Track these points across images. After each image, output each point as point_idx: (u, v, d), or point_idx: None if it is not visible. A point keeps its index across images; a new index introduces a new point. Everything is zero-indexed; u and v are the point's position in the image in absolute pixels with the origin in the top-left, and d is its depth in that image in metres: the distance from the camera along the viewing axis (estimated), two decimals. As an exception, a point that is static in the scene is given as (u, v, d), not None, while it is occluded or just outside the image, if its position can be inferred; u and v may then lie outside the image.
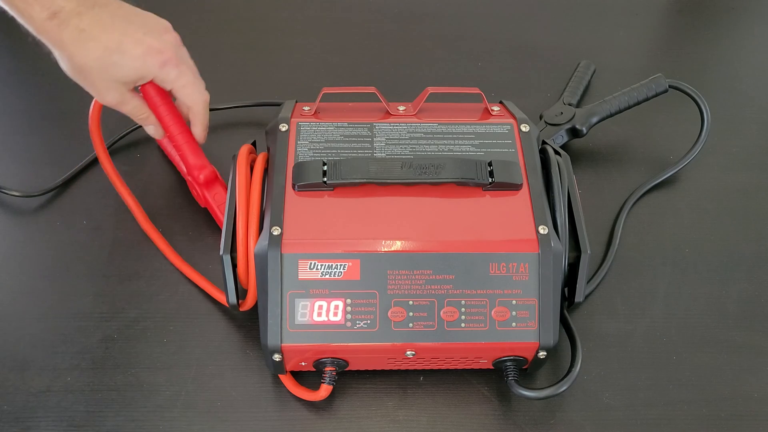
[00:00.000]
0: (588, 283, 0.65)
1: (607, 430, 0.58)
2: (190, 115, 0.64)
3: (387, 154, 0.58)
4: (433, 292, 0.53)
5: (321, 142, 0.58)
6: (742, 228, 0.71)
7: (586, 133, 0.73)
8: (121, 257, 0.67)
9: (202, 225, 0.69)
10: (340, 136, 0.59)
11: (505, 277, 0.53)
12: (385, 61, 0.86)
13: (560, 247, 0.54)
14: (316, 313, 0.53)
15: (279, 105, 0.64)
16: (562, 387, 0.55)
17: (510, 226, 0.54)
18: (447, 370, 0.59)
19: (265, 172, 0.58)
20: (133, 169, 0.74)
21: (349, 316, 0.53)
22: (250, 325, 0.63)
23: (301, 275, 0.53)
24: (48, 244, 0.68)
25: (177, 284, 0.65)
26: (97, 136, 0.66)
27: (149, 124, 0.64)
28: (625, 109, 0.74)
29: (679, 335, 0.63)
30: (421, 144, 0.59)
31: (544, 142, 0.63)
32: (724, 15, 0.93)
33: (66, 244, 0.68)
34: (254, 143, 0.63)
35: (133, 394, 0.59)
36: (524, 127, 0.60)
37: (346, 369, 0.57)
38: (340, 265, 0.53)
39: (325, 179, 0.55)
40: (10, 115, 0.78)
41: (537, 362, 0.56)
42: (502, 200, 0.56)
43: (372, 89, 0.60)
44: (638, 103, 0.74)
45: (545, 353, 0.54)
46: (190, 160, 0.66)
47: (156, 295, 0.64)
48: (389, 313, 0.53)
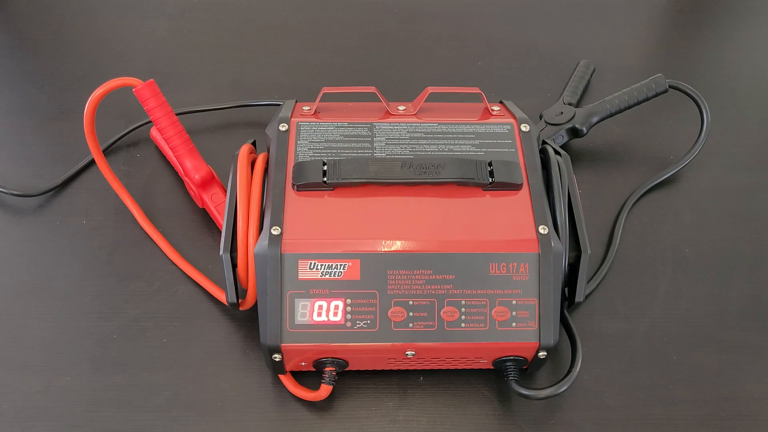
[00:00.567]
0: (588, 283, 0.65)
1: (607, 430, 0.58)
2: None
3: (387, 154, 0.58)
4: (433, 292, 0.53)
5: (321, 142, 0.58)
6: (742, 228, 0.71)
7: (586, 133, 0.73)
8: (121, 257, 0.67)
9: (202, 225, 0.69)
10: (340, 135, 0.59)
11: (505, 277, 0.53)
12: (385, 61, 0.85)
13: (560, 247, 0.54)
14: (316, 313, 0.53)
15: (279, 105, 0.64)
16: (562, 387, 0.55)
17: (510, 226, 0.54)
18: (447, 370, 0.59)
19: (265, 171, 0.58)
20: (133, 169, 0.74)
21: (349, 316, 0.53)
22: (250, 325, 0.63)
23: (301, 275, 0.53)
24: (48, 244, 0.68)
25: (177, 284, 0.65)
26: (92, 135, 0.65)
27: None
28: (625, 109, 0.74)
29: (679, 335, 0.63)
30: (421, 144, 0.59)
31: (545, 142, 0.63)
32: (724, 15, 0.93)
33: (66, 244, 0.68)
34: (254, 143, 0.63)
35: (132, 394, 0.59)
36: (524, 127, 0.60)
37: (346, 369, 0.57)
38: (340, 265, 0.53)
39: (325, 179, 0.55)
40: (10, 115, 0.78)
41: (537, 362, 0.56)
42: (502, 200, 0.56)
43: (372, 89, 0.60)
44: (638, 103, 0.74)
45: (545, 353, 0.54)
46: (186, 161, 0.66)
47: (156, 295, 0.64)
48: (389, 313, 0.53)
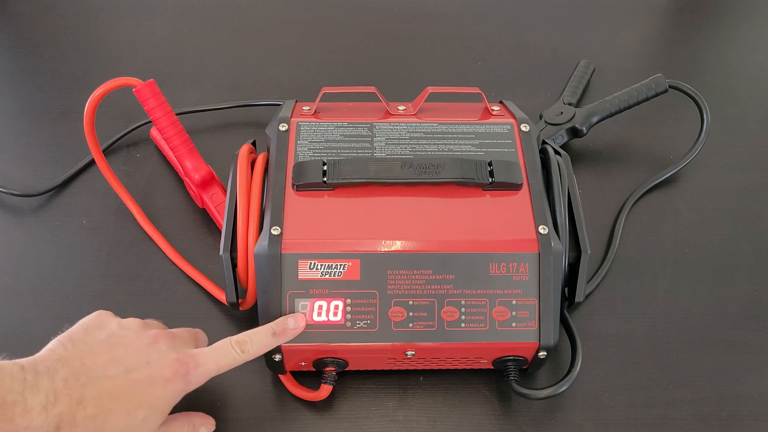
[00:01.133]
0: (588, 283, 0.65)
1: (607, 430, 0.58)
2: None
3: (387, 154, 0.58)
4: (433, 292, 0.53)
5: (321, 142, 0.58)
6: (742, 228, 0.71)
7: (586, 132, 0.73)
8: (121, 257, 0.67)
9: (202, 225, 0.69)
10: (340, 135, 0.59)
11: (505, 277, 0.53)
12: (385, 61, 0.85)
13: (560, 247, 0.54)
14: (316, 313, 0.53)
15: (279, 105, 0.64)
16: (562, 387, 0.55)
17: (510, 226, 0.54)
18: (447, 370, 0.59)
19: (265, 171, 0.58)
20: (132, 169, 0.74)
21: (349, 316, 0.53)
22: (250, 325, 0.62)
23: (301, 275, 0.53)
24: (48, 244, 0.68)
25: (177, 284, 0.65)
26: (92, 136, 0.65)
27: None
28: (625, 108, 0.74)
29: (679, 335, 0.63)
30: (421, 144, 0.59)
31: (544, 142, 0.63)
32: (725, 15, 0.93)
33: (66, 244, 0.68)
34: (254, 143, 0.63)
35: (133, 394, 0.58)
36: (524, 127, 0.60)
37: (346, 369, 0.57)
38: (340, 265, 0.53)
39: (325, 179, 0.55)
40: (10, 115, 0.78)
41: (537, 362, 0.56)
42: (502, 200, 0.56)
43: (372, 89, 0.60)
44: (638, 103, 0.74)
45: (545, 353, 0.54)
46: (186, 161, 0.66)
47: (156, 295, 0.64)
48: (389, 313, 0.53)
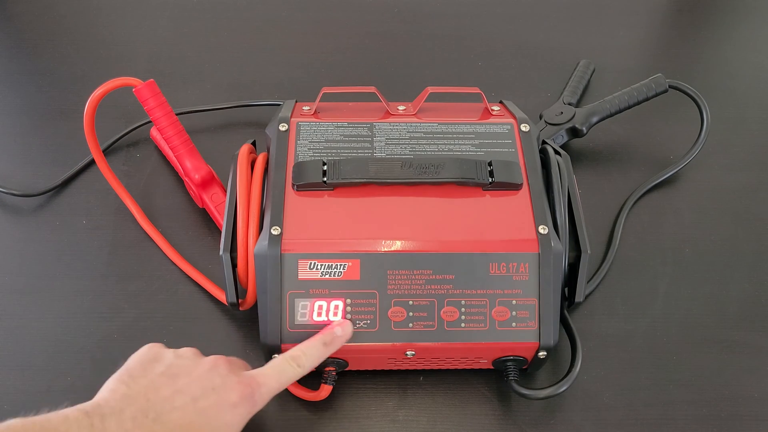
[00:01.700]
0: (588, 283, 0.65)
1: (607, 430, 0.58)
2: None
3: (387, 154, 0.58)
4: (433, 292, 0.53)
5: (321, 142, 0.58)
6: (742, 228, 0.71)
7: (586, 132, 0.73)
8: (121, 257, 0.67)
9: (202, 225, 0.69)
10: (340, 135, 0.59)
11: (505, 277, 0.53)
12: (385, 61, 0.85)
13: (560, 247, 0.54)
14: (316, 313, 0.53)
15: (279, 105, 0.64)
16: (562, 387, 0.55)
17: (510, 226, 0.54)
18: (447, 370, 0.59)
19: (265, 171, 0.58)
20: (132, 169, 0.74)
21: (349, 316, 0.53)
22: (250, 325, 0.63)
23: (301, 275, 0.53)
24: (48, 244, 0.68)
25: (177, 284, 0.65)
26: (92, 136, 0.65)
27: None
28: (625, 108, 0.74)
29: (679, 335, 0.63)
30: (421, 144, 0.59)
31: (544, 142, 0.63)
32: (725, 15, 0.93)
33: (66, 244, 0.68)
34: (254, 143, 0.63)
35: (133, 394, 0.58)
36: (524, 127, 0.60)
37: (346, 369, 0.57)
38: (340, 265, 0.53)
39: (325, 179, 0.55)
40: (10, 115, 0.78)
41: (537, 362, 0.56)
42: (502, 200, 0.56)
43: (372, 89, 0.60)
44: (638, 103, 0.74)
45: (545, 353, 0.54)
46: (186, 161, 0.66)
47: (156, 295, 0.64)
48: (389, 313, 0.53)
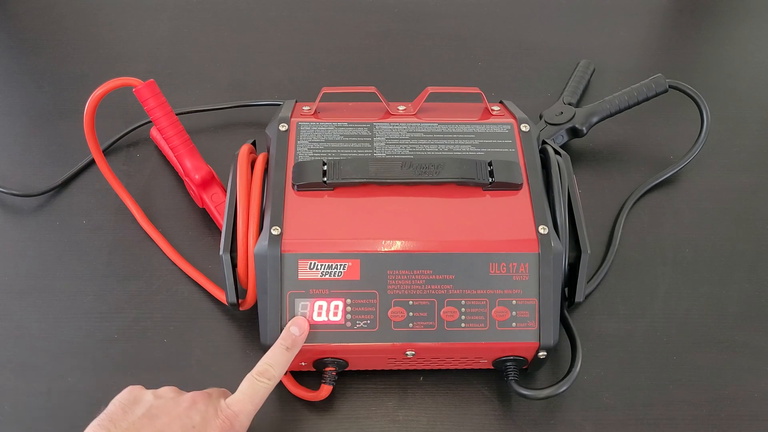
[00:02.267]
0: (588, 283, 0.65)
1: (607, 430, 0.58)
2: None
3: (387, 154, 0.58)
4: (433, 292, 0.53)
5: (321, 142, 0.58)
6: (742, 228, 0.71)
7: (586, 132, 0.73)
8: (121, 257, 0.67)
9: (202, 225, 0.69)
10: (340, 135, 0.59)
11: (505, 277, 0.53)
12: (385, 61, 0.85)
13: (560, 247, 0.54)
14: (316, 313, 0.53)
15: (279, 105, 0.64)
16: (562, 387, 0.55)
17: (510, 226, 0.54)
18: (447, 370, 0.59)
19: (265, 171, 0.58)
20: (132, 169, 0.74)
21: (349, 316, 0.53)
22: (250, 325, 0.63)
23: (301, 275, 0.53)
24: (48, 244, 0.68)
25: (177, 284, 0.65)
26: (92, 136, 0.65)
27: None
28: (625, 108, 0.74)
29: (679, 335, 0.63)
30: (421, 144, 0.59)
31: (544, 142, 0.63)
32: (725, 15, 0.93)
33: (66, 244, 0.68)
34: (254, 143, 0.63)
35: (133, 394, 0.58)
36: (524, 127, 0.60)
37: (346, 369, 0.57)
38: (340, 265, 0.53)
39: (325, 179, 0.55)
40: (10, 115, 0.78)
41: (537, 362, 0.56)
42: (502, 200, 0.56)
43: (372, 89, 0.60)
44: (638, 103, 0.74)
45: (545, 353, 0.54)
46: (186, 161, 0.66)
47: (156, 295, 0.64)
48: (389, 313, 0.53)
